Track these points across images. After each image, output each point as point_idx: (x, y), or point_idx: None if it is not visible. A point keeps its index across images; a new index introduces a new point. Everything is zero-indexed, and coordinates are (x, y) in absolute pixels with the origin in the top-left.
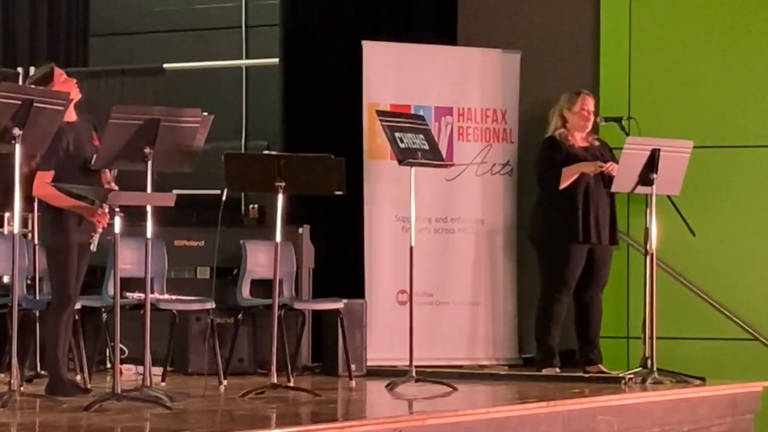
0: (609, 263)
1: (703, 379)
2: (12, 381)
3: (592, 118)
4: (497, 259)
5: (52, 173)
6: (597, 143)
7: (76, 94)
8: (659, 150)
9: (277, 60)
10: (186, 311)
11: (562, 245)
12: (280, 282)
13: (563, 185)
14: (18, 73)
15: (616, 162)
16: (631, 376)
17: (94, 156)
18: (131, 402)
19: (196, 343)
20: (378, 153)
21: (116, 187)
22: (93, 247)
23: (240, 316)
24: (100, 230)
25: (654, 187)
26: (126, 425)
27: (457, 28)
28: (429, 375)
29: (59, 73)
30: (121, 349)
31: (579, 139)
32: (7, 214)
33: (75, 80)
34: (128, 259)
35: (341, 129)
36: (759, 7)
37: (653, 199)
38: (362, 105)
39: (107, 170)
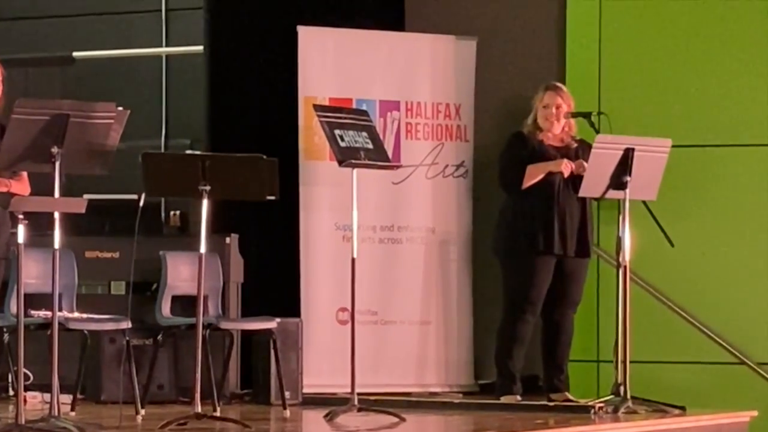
0: (581, 278)
1: (683, 408)
2: None
3: (559, 116)
4: (450, 273)
5: None
6: (575, 144)
7: None
8: (633, 149)
9: (201, 48)
10: (98, 331)
11: (524, 257)
12: (205, 298)
13: (526, 184)
14: None
15: None
16: (602, 404)
17: None
18: None
19: (110, 367)
20: (315, 153)
21: None
22: None
23: (159, 337)
24: None
25: (627, 191)
26: None
27: (405, 11)
28: (373, 404)
29: None
30: (25, 374)
31: (552, 138)
32: None
33: None
34: (33, 273)
35: (274, 126)
36: None
37: (626, 205)
38: (297, 99)
39: None
